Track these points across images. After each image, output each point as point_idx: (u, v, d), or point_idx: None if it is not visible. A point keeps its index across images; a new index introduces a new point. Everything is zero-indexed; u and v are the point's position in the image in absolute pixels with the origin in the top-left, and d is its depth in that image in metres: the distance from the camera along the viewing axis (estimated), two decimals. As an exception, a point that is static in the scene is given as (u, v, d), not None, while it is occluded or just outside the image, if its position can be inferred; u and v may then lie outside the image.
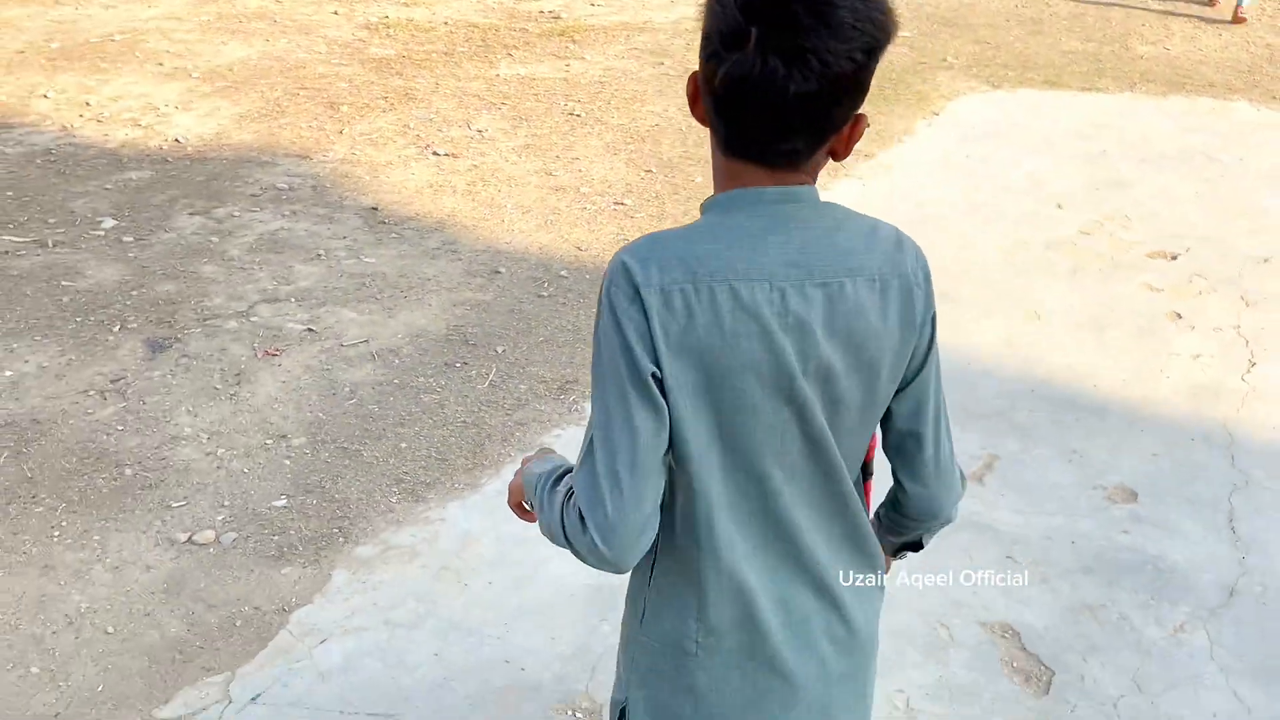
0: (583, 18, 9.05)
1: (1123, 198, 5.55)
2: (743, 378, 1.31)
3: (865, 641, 1.53)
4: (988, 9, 9.34)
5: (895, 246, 1.36)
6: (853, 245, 1.33)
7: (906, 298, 1.35)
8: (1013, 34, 8.62)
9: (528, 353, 4.18)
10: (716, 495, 1.37)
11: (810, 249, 1.31)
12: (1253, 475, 3.49)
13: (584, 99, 7.00)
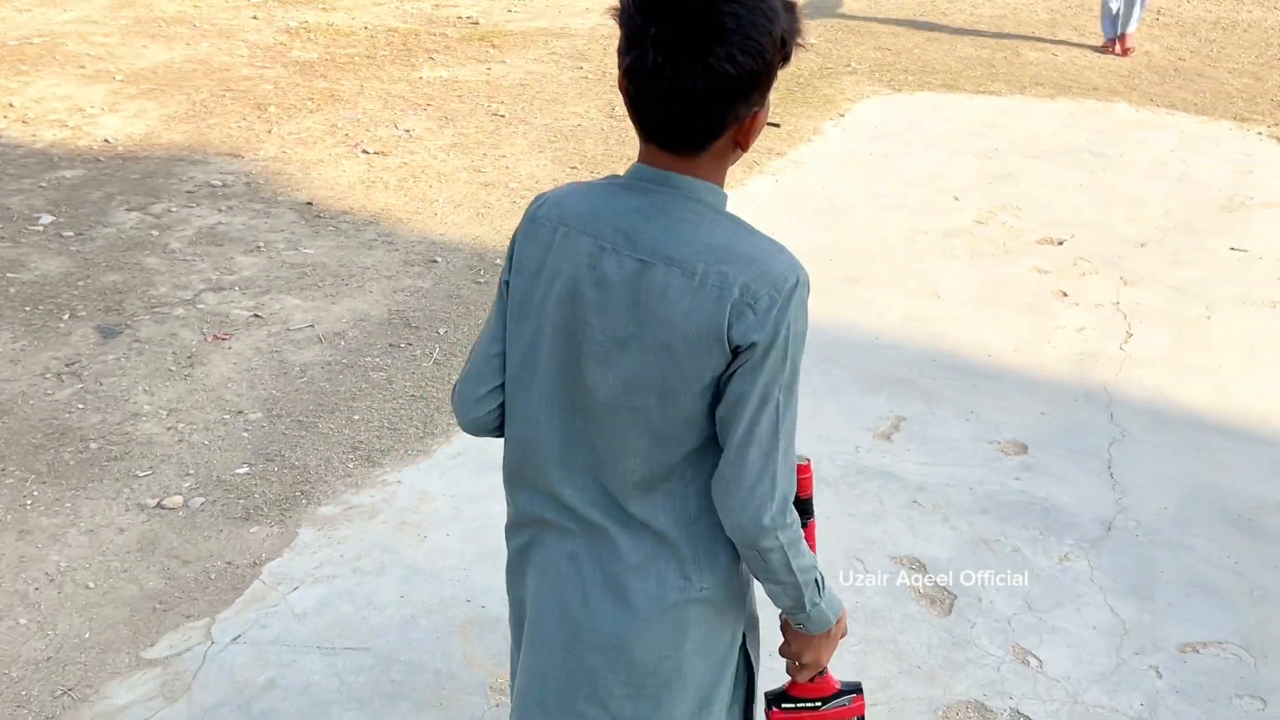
0: (501, 23, 9.31)
1: (1013, 189, 5.99)
2: (543, 312, 1.52)
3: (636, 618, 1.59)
4: (888, 17, 9.82)
5: (748, 264, 1.43)
6: (693, 240, 1.44)
7: (721, 308, 1.41)
8: (912, 41, 9.10)
9: (469, 334, 4.43)
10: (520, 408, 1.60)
11: (651, 227, 1.45)
12: (1128, 429, 3.90)
13: (507, 100, 7.26)
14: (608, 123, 6.89)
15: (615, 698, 1.62)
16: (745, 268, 1.43)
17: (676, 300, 1.43)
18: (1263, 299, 4.85)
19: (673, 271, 1.44)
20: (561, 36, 8.92)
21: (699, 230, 1.46)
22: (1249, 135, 7.00)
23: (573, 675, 1.63)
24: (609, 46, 8.59)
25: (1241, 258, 5.25)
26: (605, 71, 7.98)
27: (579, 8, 9.95)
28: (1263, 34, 9.59)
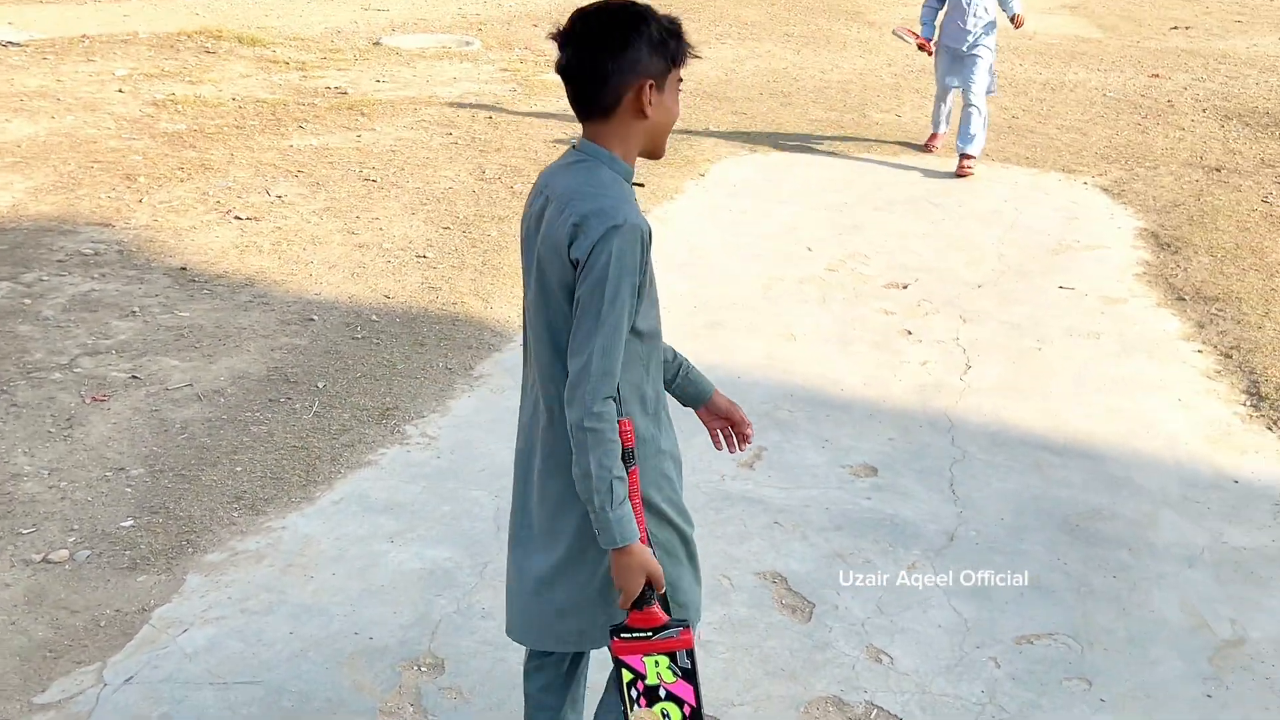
0: (370, 93, 9.51)
1: (862, 240, 6.40)
2: (522, 242, 2.16)
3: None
4: (744, 84, 10.33)
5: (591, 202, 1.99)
6: (570, 184, 2.03)
7: (565, 230, 1.98)
8: (766, 105, 9.59)
9: (347, 386, 4.57)
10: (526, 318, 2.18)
11: (561, 177, 2.07)
12: (968, 450, 4.24)
13: (378, 166, 7.44)
14: (478, 185, 7.12)
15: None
16: (588, 204, 1.98)
17: (549, 223, 2.02)
18: (1087, 331, 5.30)
19: (551, 204, 2.04)
20: (430, 105, 9.16)
21: (579, 177, 2.04)
22: (1075, 185, 7.59)
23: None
24: (476, 114, 8.87)
25: (1068, 295, 5.72)
26: (474, 137, 8.23)
27: (446, 77, 10.22)
28: (1087, 94, 10.37)
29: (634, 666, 2.08)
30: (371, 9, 13.56)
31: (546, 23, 9.68)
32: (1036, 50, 12.39)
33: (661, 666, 2.07)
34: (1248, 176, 7.81)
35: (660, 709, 2.09)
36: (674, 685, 2.08)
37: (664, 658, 2.06)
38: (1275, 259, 6.19)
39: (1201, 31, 13.94)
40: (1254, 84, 10.93)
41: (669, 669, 2.07)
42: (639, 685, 2.09)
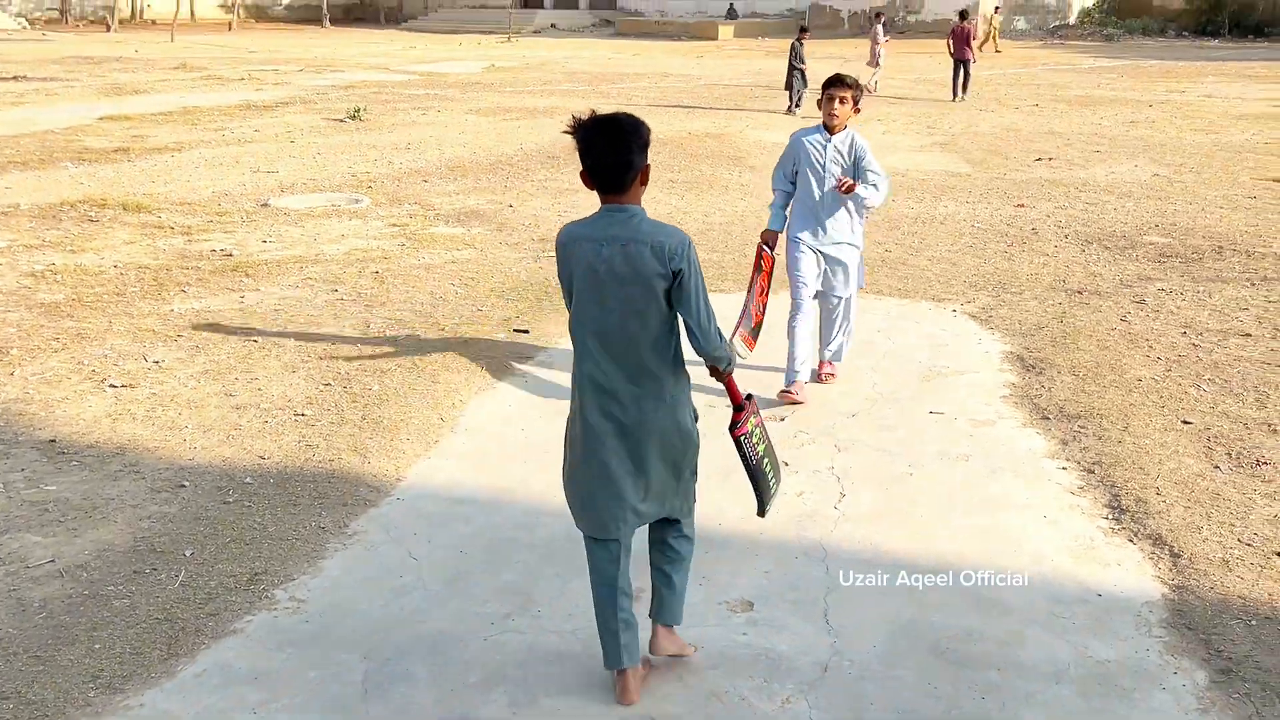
0: (255, 254, 9.54)
1: (741, 375, 6.53)
2: (580, 278, 3.34)
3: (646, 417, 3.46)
4: (628, 228, 10.59)
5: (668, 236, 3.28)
6: (638, 230, 3.27)
7: (662, 257, 3.24)
8: (650, 248, 9.83)
9: (216, 553, 4.48)
10: (582, 332, 3.42)
11: (616, 228, 3.29)
12: (842, 579, 4.29)
13: (261, 326, 7.43)
14: (362, 340, 7.14)
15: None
16: (669, 239, 3.28)
17: (635, 255, 3.26)
18: (956, 454, 5.44)
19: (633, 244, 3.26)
20: (316, 263, 9.22)
21: (641, 226, 3.29)
22: (944, 313, 7.87)
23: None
24: (363, 270, 8.94)
25: (939, 419, 5.88)
26: (360, 293, 8.28)
27: (334, 235, 10.32)
28: (957, 225, 10.84)
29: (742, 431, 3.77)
30: (261, 171, 13.71)
31: (436, 178, 9.90)
32: (909, 186, 12.96)
33: (754, 428, 3.83)
34: (1107, 297, 8.19)
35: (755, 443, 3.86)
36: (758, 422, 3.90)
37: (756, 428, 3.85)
38: (1133, 376, 6.46)
39: (1064, 162, 14.74)
40: (1112, 209, 11.54)
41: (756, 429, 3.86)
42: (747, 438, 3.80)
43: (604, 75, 28.71)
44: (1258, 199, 12.05)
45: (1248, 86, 25.16)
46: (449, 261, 9.33)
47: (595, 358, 3.38)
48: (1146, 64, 32.15)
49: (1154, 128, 18.27)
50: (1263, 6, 45.16)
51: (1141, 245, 9.86)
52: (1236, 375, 6.45)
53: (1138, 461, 5.29)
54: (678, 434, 3.49)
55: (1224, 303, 8.00)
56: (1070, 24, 48.29)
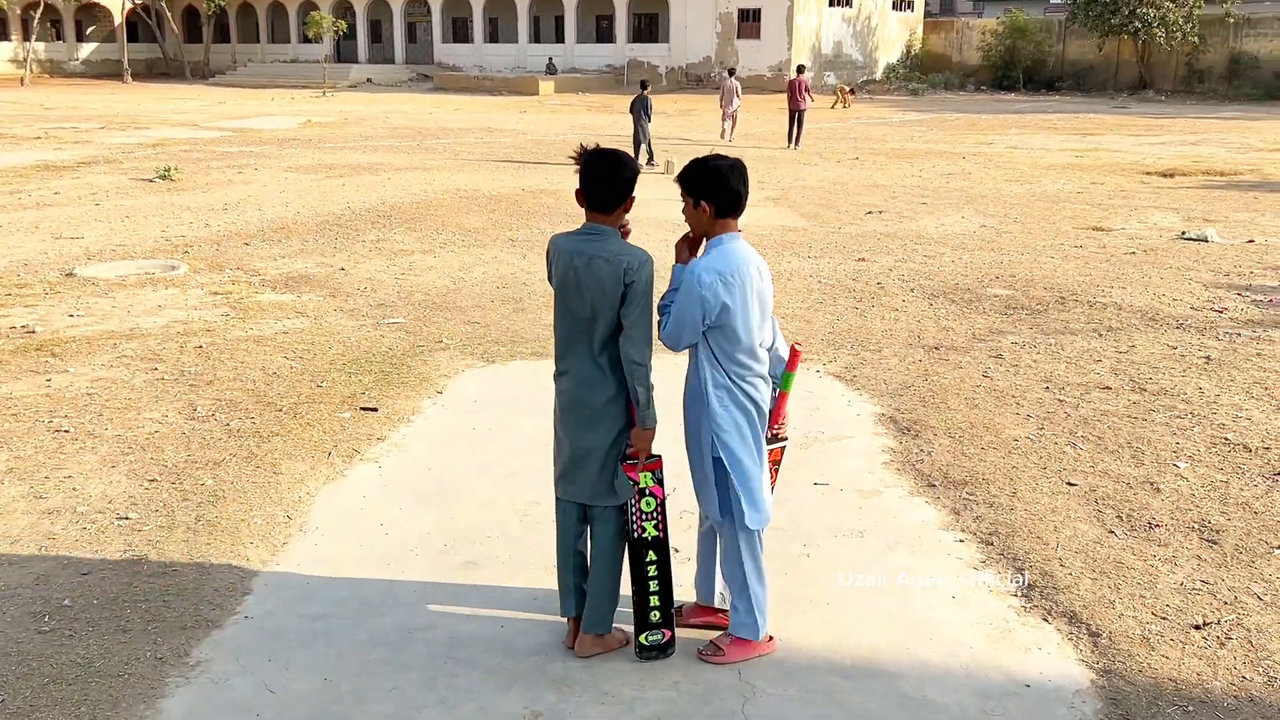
0: (61, 330, 8.68)
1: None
2: (556, 282, 3.86)
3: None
4: (472, 293, 10.13)
5: (629, 256, 3.74)
6: (607, 248, 3.74)
7: (619, 271, 3.69)
8: (498, 313, 9.39)
9: (32, 698, 3.79)
10: (556, 325, 3.93)
11: (591, 246, 3.76)
12: (757, 685, 3.92)
13: (72, 413, 6.65)
14: (189, 426, 6.45)
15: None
16: (628, 257, 3.72)
17: (600, 271, 3.71)
18: (850, 528, 5.18)
19: (598, 259, 3.73)
20: (132, 338, 8.43)
21: (610, 245, 3.77)
22: (809, 374, 7.69)
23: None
24: (185, 345, 8.22)
25: (824, 491, 5.63)
26: (183, 371, 7.56)
27: (149, 306, 9.51)
28: (804, 281, 10.78)
29: (633, 478, 3.94)
30: (64, 237, 12.68)
31: (259, 241, 9.21)
32: (750, 241, 12.89)
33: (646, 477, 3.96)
34: (964, 353, 8.18)
35: (645, 500, 3.96)
36: (653, 489, 3.98)
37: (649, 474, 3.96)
38: (1008, 435, 6.38)
39: (894, 215, 15.02)
40: (950, 261, 11.72)
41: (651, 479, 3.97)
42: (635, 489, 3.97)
43: (428, 130, 28.17)
44: (1084, 247, 12.46)
45: (1049, 138, 26.53)
46: (280, 332, 8.67)
47: (560, 348, 3.94)
48: (952, 117, 33.65)
49: (971, 179, 18.92)
50: (1052, 62, 48.11)
51: (986, 298, 9.98)
52: (1108, 431, 6.44)
53: (1033, 529, 5.14)
54: (606, 425, 3.90)
55: (1077, 355, 8.08)
56: (876, 79, 50.39)
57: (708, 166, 3.87)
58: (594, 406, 3.88)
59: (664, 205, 13.87)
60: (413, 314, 9.33)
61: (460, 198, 16.13)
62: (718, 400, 3.92)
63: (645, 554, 3.97)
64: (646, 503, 3.95)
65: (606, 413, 3.89)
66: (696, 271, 3.77)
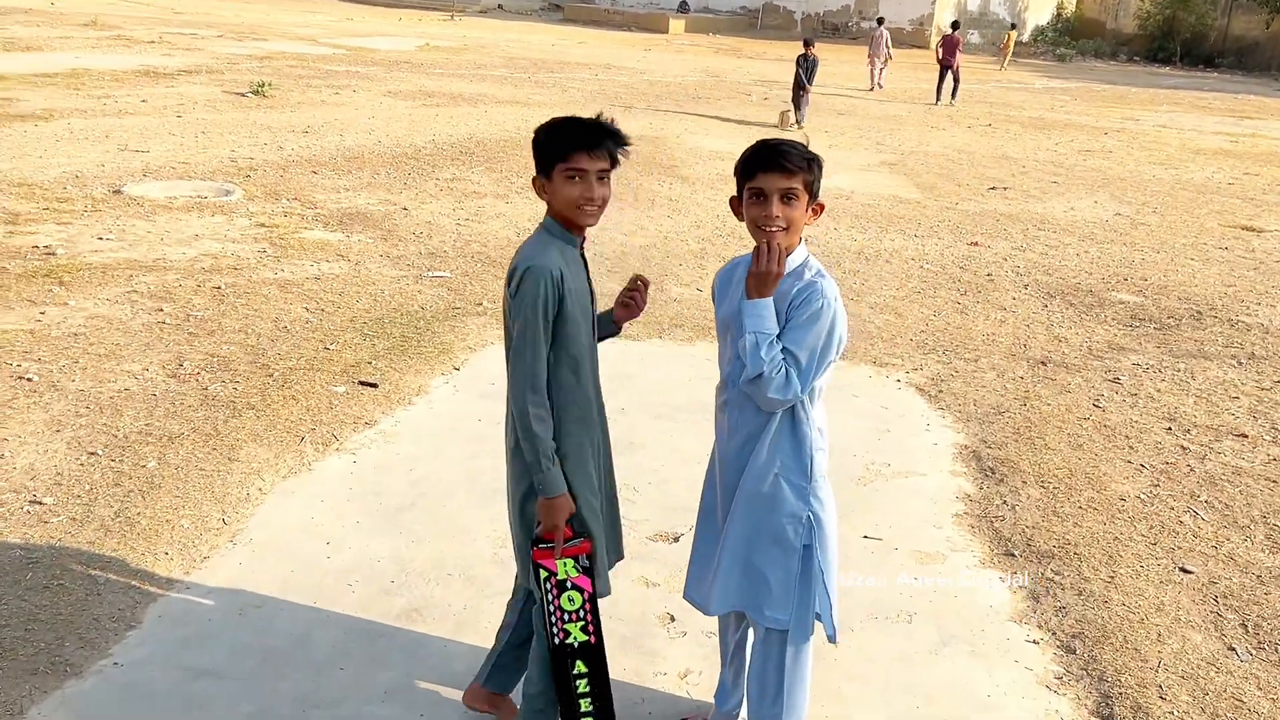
0: (83, 254, 8.02)
1: (633, 464, 5.19)
2: None
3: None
4: (532, 247, 9.20)
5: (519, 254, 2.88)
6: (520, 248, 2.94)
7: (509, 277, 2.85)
8: (553, 274, 8.45)
9: None
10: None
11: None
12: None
13: (45, 357, 5.95)
14: (164, 385, 5.69)
15: None
16: (517, 260, 2.85)
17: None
18: (898, 609, 4.14)
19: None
20: (152, 270, 7.73)
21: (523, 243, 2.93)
22: (887, 383, 6.61)
23: None
24: (203, 284, 7.48)
25: (875, 549, 4.59)
26: (189, 315, 6.82)
27: (186, 234, 8.82)
28: (904, 264, 9.60)
29: (548, 566, 2.94)
30: (129, 150, 12.10)
31: (328, 169, 8.32)
32: (853, 213, 11.72)
33: (567, 565, 2.95)
34: (1076, 372, 6.98)
35: (566, 597, 2.97)
36: (578, 579, 2.98)
37: (570, 560, 2.95)
38: (1115, 492, 5.22)
39: (1020, 193, 13.61)
40: (1074, 254, 10.39)
41: (574, 567, 2.96)
42: (552, 580, 2.95)
43: (544, 63, 27.21)
44: (1229, 250, 10.97)
45: (1202, 118, 24.37)
46: (311, 277, 7.88)
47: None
48: (1099, 88, 31.40)
49: (1110, 159, 17.26)
50: (1214, 37, 44.87)
51: (1110, 303, 8.69)
52: (1239, 497, 5.25)
53: (1130, 635, 4.03)
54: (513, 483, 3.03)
55: (1209, 386, 6.82)
56: (1024, 41, 47.73)
57: (805, 150, 2.85)
58: (508, 455, 3.03)
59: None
60: (462, 267, 8.45)
61: (552, 138, 15.18)
62: (820, 467, 2.96)
63: (571, 665, 3.01)
64: (569, 599, 2.98)
65: (513, 466, 3.00)
66: (832, 290, 2.84)
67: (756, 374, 2.76)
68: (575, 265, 2.90)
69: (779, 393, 2.77)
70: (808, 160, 2.82)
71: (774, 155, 2.79)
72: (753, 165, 2.83)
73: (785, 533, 2.93)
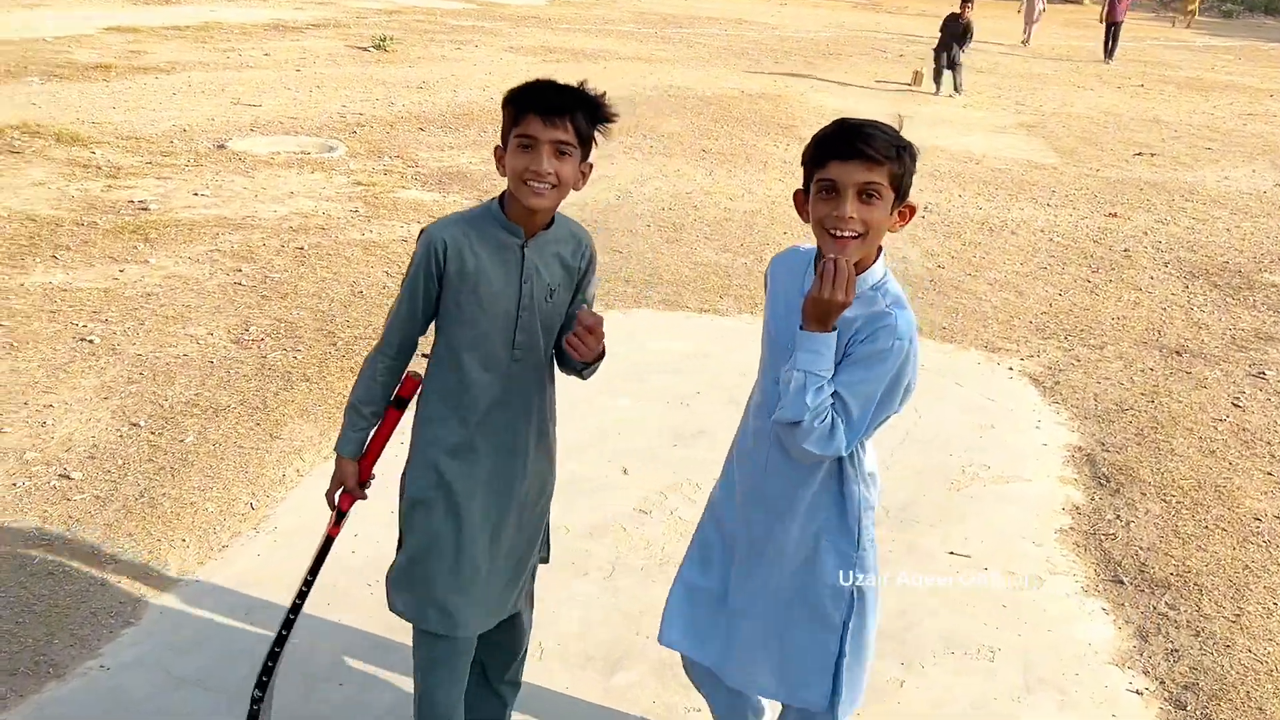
0: (176, 209, 7.93)
1: (700, 455, 4.76)
2: None
3: None
4: (631, 212, 8.80)
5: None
6: None
7: None
8: (649, 242, 8.04)
9: None
10: None
11: None
12: None
13: (113, 318, 5.80)
14: (224, 352, 5.48)
15: None
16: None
17: None
18: (979, 643, 3.64)
19: None
20: (240, 229, 7.57)
21: None
22: (997, 371, 6.01)
23: None
24: (287, 244, 7.30)
25: (962, 565, 4.08)
26: (266, 276, 6.63)
27: (282, 191, 8.67)
28: (1031, 236, 8.88)
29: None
30: (242, 104, 12.08)
31: (435, 126, 8.04)
32: (981, 178, 10.97)
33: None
34: (1215, 364, 6.26)
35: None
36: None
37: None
38: (1248, 510, 4.58)
39: (1168, 160, 12.61)
40: (1223, 229, 9.49)
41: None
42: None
43: (674, 17, 26.63)
44: (1406, 229, 9.89)
45: (1386, 81, 22.43)
46: (398, 239, 7.62)
47: None
48: (1266, 46, 29.32)
49: (1275, 123, 15.95)
50: (1403, -9, 41.57)
51: (1260, 286, 7.85)
52: (1399, 523, 4.55)
53: (1254, 691, 3.45)
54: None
55: (1373, 387, 6.03)
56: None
57: (895, 135, 2.24)
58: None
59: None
60: (553, 232, 8.09)
61: (669, 95, 14.67)
62: (869, 533, 2.46)
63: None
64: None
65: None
66: (908, 326, 2.27)
67: (794, 419, 2.23)
68: (499, 255, 2.48)
69: (817, 447, 2.24)
70: (897, 148, 2.21)
71: (854, 139, 2.20)
72: (826, 150, 2.23)
73: (825, 607, 2.43)
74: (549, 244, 2.56)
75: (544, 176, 2.38)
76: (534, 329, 2.55)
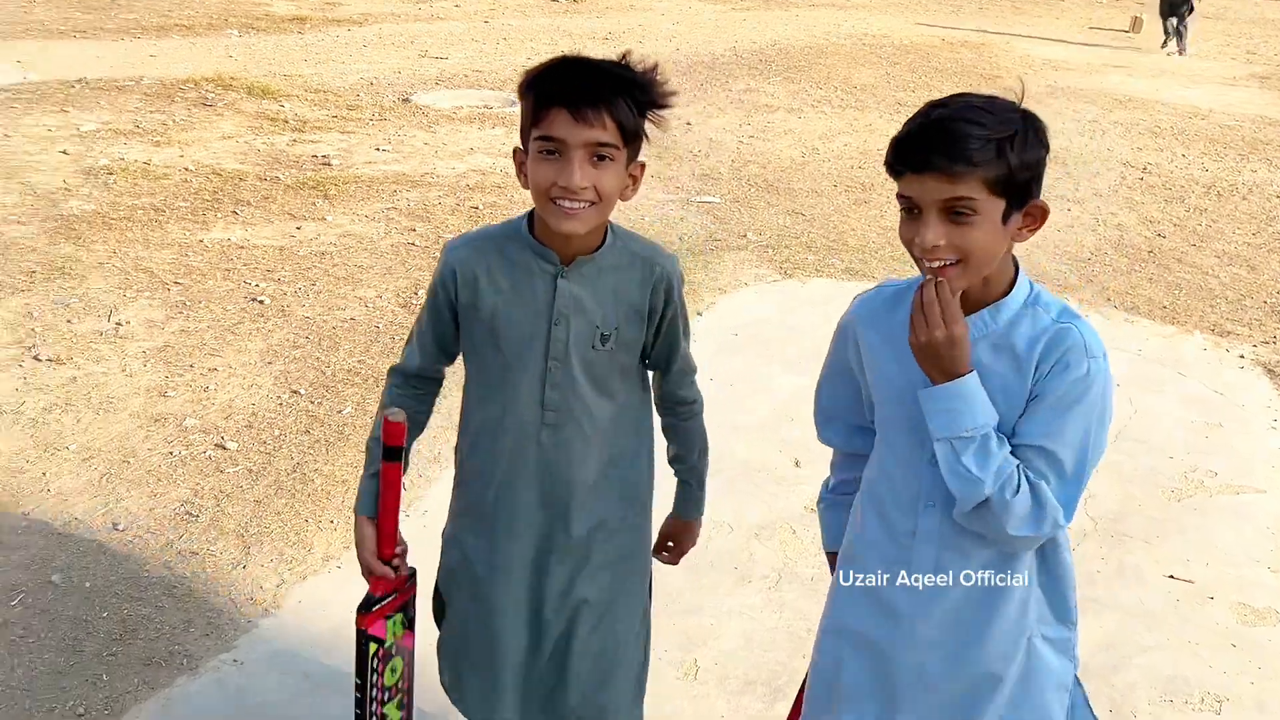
0: (357, 165, 7.92)
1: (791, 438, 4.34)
2: None
3: None
4: (818, 171, 8.34)
5: None
6: None
7: None
8: (835, 203, 7.58)
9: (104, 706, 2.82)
10: None
11: None
12: None
13: (286, 278, 5.77)
14: (391, 314, 5.36)
15: None
16: None
17: None
18: (1197, 690, 3.14)
19: None
20: (418, 186, 7.50)
21: None
22: (1226, 359, 5.35)
23: None
24: (463, 202, 7.18)
25: (1181, 594, 3.56)
26: (440, 236, 6.50)
27: (462, 147, 8.58)
28: (1265, 203, 8.00)
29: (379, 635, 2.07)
30: (429, 56, 12.10)
31: None
32: (1208, 135, 9.99)
33: (396, 624, 2.11)
34: None
35: (391, 665, 2.11)
36: (404, 639, 2.15)
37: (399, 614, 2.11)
38: None
39: None
40: None
41: (401, 623, 2.13)
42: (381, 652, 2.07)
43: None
44: None
45: None
46: (573, 199, 7.39)
47: None
48: None
49: None
50: None
51: None
52: None
53: None
54: None
55: None
56: None
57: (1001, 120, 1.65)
58: None
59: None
60: (733, 192, 7.73)
61: (864, 45, 13.99)
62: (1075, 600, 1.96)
63: None
64: (391, 670, 2.15)
65: None
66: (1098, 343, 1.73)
67: (974, 501, 1.69)
68: (526, 286, 1.92)
69: (1027, 527, 1.70)
70: (997, 143, 1.62)
71: (933, 140, 1.64)
72: (899, 158, 1.70)
73: (1052, 711, 1.91)
74: (599, 272, 1.93)
75: (577, 193, 1.77)
76: (575, 386, 1.96)
